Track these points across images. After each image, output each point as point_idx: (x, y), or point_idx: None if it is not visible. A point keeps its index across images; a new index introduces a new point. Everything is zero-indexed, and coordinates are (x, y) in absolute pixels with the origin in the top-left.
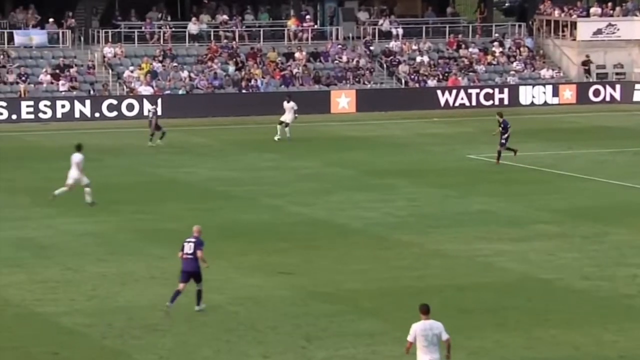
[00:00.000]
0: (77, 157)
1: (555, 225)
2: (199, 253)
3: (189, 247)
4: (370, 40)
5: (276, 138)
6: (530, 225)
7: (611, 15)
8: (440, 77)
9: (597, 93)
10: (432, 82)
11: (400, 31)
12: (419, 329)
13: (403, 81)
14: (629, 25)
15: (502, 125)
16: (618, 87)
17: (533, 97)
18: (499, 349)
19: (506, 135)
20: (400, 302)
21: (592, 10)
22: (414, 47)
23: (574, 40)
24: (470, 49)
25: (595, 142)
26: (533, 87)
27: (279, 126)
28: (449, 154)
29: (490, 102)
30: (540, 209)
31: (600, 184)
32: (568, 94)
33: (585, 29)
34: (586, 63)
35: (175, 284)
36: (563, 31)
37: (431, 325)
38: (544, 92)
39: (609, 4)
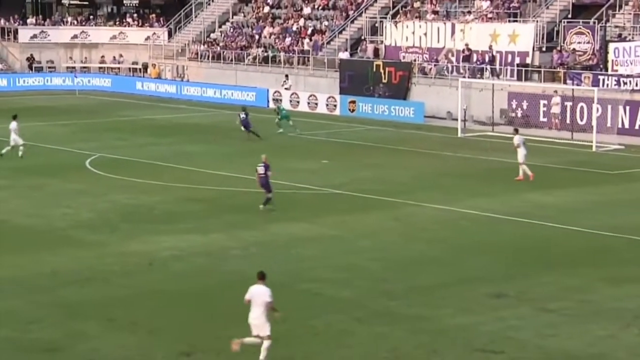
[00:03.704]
0: None
1: (6, 179)
2: (269, 173)
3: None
4: None
5: None
6: None
7: (43, 24)
8: None
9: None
10: None
11: None
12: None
13: None
14: (56, 32)
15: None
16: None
17: None
18: None
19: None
20: None
21: (29, 20)
22: None
23: (17, 42)
24: None
25: (38, 118)
26: None
27: None
28: None
29: None
30: None
31: (41, 148)
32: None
33: (24, 34)
34: (30, 59)
35: None
36: (8, 35)
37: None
38: None
39: (41, 16)
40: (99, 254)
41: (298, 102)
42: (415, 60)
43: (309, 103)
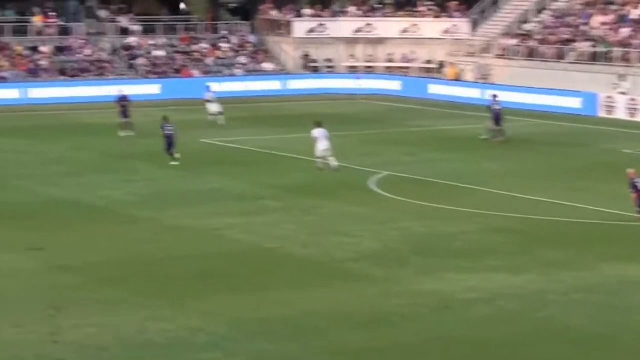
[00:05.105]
0: None
1: (276, 200)
2: None
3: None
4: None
5: None
6: (255, 201)
7: (321, 16)
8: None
9: (313, 83)
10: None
11: (139, 28)
12: None
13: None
14: (336, 25)
15: None
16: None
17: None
18: (230, 310)
19: None
20: (140, 272)
21: (304, 11)
22: (151, 42)
23: (291, 37)
24: (201, 45)
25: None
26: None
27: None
28: (183, 138)
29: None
30: (263, 186)
31: (312, 163)
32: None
33: (300, 27)
34: (305, 57)
35: None
36: (281, 29)
37: None
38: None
39: (319, 6)
40: (384, 292)
41: (637, 109)
42: None
43: None
